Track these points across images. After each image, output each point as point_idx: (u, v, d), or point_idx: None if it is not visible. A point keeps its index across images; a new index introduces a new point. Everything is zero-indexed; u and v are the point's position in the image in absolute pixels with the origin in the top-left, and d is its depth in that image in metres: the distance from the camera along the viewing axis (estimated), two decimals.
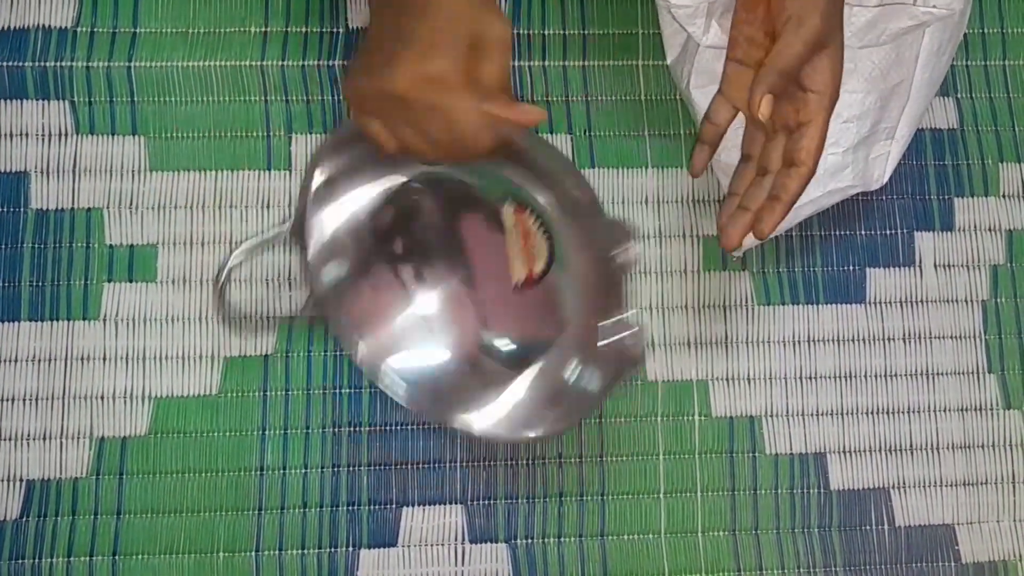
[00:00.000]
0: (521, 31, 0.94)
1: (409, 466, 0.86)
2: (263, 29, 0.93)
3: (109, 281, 0.88)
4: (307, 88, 0.92)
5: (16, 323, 0.87)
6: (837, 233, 0.92)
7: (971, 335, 0.91)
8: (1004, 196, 0.94)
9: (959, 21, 0.86)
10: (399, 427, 0.87)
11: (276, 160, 0.91)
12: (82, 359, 0.87)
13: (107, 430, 0.86)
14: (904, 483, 0.89)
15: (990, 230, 0.93)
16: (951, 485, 0.89)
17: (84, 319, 0.87)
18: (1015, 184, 0.94)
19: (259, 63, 0.92)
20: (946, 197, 0.94)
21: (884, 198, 0.93)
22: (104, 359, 0.87)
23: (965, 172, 0.94)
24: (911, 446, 0.89)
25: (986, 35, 0.97)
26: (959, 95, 0.96)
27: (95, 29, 0.92)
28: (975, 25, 0.97)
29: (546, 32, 0.94)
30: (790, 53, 0.65)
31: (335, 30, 0.93)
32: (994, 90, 0.96)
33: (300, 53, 0.92)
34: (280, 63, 0.92)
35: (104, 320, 0.87)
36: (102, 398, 0.86)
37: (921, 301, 0.92)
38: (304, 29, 0.93)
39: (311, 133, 0.91)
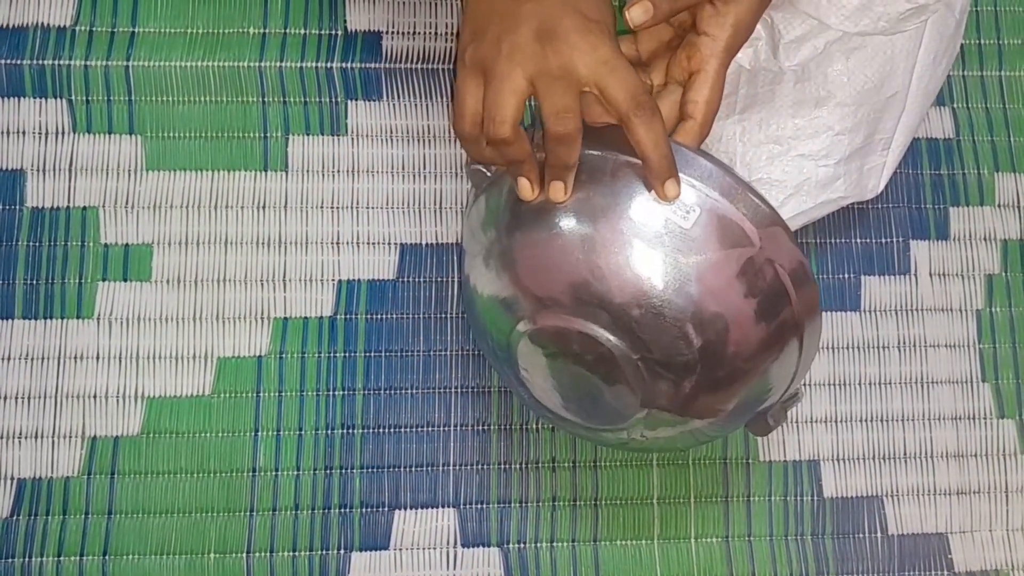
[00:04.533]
0: None
1: (401, 469, 0.86)
2: (261, 30, 0.93)
3: (104, 280, 0.88)
4: (305, 89, 0.92)
5: (10, 321, 0.86)
6: (833, 241, 0.92)
7: (965, 344, 0.91)
8: (999, 206, 0.94)
9: (955, 32, 0.86)
10: (392, 430, 0.87)
11: (272, 161, 0.91)
12: (75, 358, 0.86)
13: (99, 429, 0.85)
14: (898, 491, 0.89)
15: (985, 239, 0.93)
16: (944, 494, 0.89)
17: (78, 318, 0.87)
18: (1010, 194, 0.94)
19: (257, 64, 0.92)
20: (941, 206, 0.94)
21: (880, 207, 0.93)
22: (97, 358, 0.86)
23: (961, 181, 0.94)
24: (905, 454, 0.89)
25: (983, 46, 0.98)
26: (955, 105, 0.96)
27: (94, 28, 0.91)
28: (971, 36, 0.97)
29: None
30: None
31: (334, 32, 0.93)
32: (990, 100, 0.96)
33: (298, 55, 0.92)
34: (278, 64, 0.92)
35: (98, 319, 0.87)
36: (95, 397, 0.86)
37: (916, 310, 0.92)
38: (303, 31, 0.93)
39: (308, 135, 0.91)
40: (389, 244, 0.90)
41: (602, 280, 0.63)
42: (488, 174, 0.71)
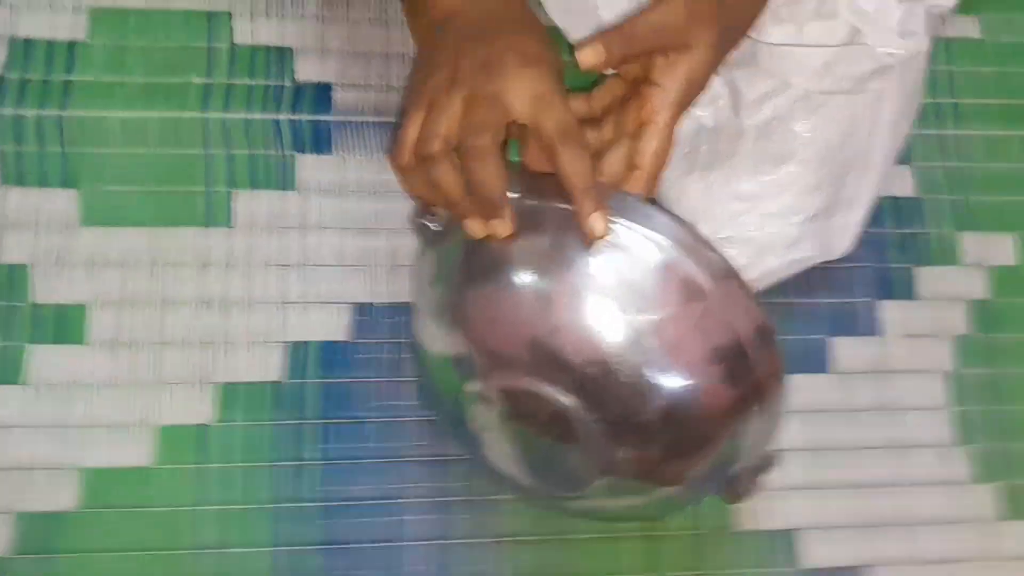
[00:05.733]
0: None
1: (358, 546, 0.81)
2: (205, 80, 0.89)
3: (33, 343, 0.82)
4: (250, 142, 0.88)
5: None
6: (798, 302, 0.91)
7: (938, 407, 0.90)
8: (965, 265, 0.94)
9: (916, 91, 0.86)
10: (347, 504, 0.82)
11: (216, 216, 0.87)
12: (3, 427, 0.81)
13: (31, 504, 0.79)
14: (881, 561, 0.86)
15: (951, 299, 0.93)
16: (930, 563, 0.86)
17: (4, 383, 0.81)
18: (975, 253, 0.94)
19: (200, 114, 0.88)
20: (908, 266, 0.93)
21: (845, 266, 0.91)
22: (27, 427, 0.81)
23: (925, 241, 0.94)
24: (884, 521, 0.87)
25: (940, 106, 0.98)
26: (916, 164, 0.96)
27: (26, 76, 0.87)
28: (928, 95, 0.97)
29: None
30: (641, 21, 0.65)
31: (282, 83, 0.90)
32: (948, 159, 0.96)
33: (244, 105, 0.89)
34: (223, 115, 0.88)
35: (27, 385, 0.82)
36: (25, 470, 0.80)
37: (886, 371, 0.90)
38: (249, 81, 0.89)
39: (253, 189, 0.87)
40: (341, 304, 0.86)
41: (553, 336, 0.61)
42: (433, 228, 0.69)
